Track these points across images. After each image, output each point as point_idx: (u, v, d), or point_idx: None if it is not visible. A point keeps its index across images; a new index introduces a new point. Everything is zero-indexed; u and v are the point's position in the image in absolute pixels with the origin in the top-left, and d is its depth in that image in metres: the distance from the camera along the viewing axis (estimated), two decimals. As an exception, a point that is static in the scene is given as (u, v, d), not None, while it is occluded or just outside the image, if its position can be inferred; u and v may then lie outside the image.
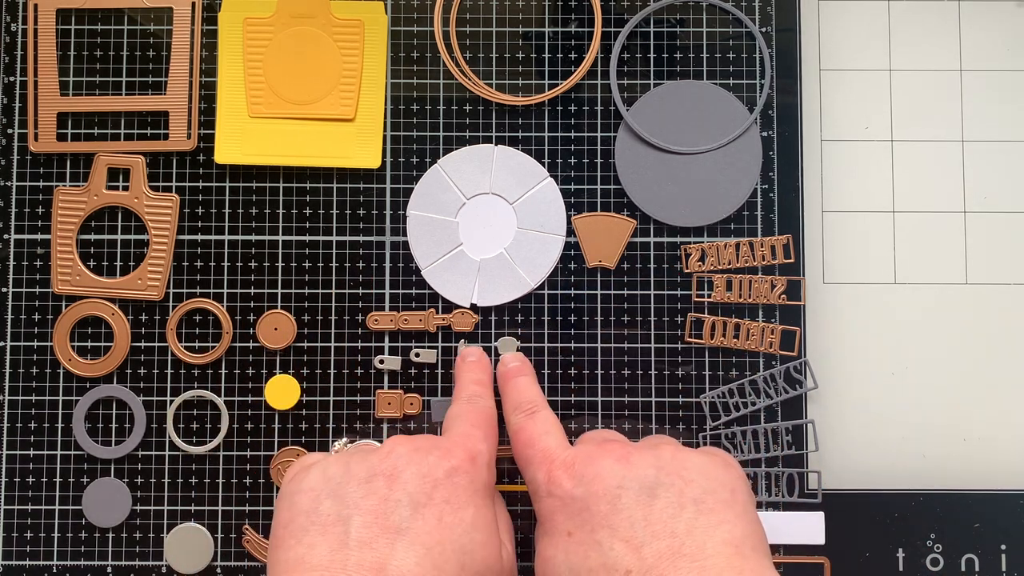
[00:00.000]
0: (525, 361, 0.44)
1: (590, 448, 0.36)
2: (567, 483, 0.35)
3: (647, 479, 0.34)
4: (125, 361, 0.45)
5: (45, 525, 0.45)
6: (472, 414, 0.39)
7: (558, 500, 0.35)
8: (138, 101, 0.46)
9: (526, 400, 0.40)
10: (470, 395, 0.41)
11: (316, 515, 0.34)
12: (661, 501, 0.34)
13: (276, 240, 0.46)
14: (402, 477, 0.34)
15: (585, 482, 0.35)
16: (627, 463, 0.35)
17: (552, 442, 0.37)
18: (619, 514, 0.34)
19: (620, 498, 0.34)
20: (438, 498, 0.34)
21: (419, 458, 0.35)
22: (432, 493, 0.34)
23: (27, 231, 0.46)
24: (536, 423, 0.39)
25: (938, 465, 0.46)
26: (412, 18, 0.47)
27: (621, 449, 0.36)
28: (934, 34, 0.47)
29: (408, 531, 0.33)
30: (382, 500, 0.34)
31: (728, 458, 0.38)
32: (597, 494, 0.34)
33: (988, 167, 0.47)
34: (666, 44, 0.46)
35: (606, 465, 0.35)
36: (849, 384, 0.46)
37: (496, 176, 0.46)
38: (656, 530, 0.33)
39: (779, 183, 0.46)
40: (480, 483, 0.36)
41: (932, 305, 0.46)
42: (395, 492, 0.34)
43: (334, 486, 0.34)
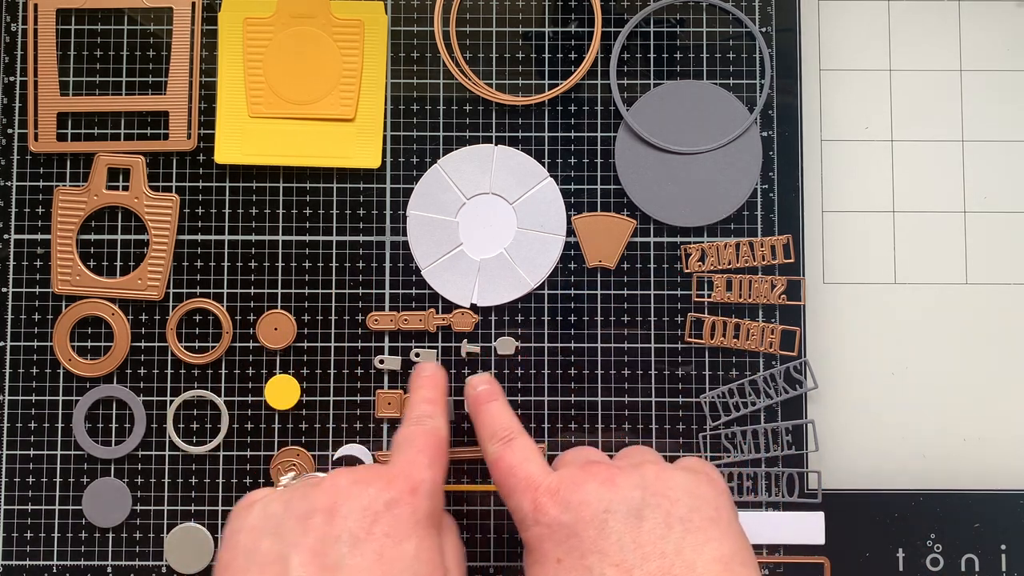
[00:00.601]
0: (494, 382, 0.42)
1: (573, 472, 0.36)
2: (553, 510, 0.35)
3: (633, 501, 0.34)
4: (125, 361, 0.45)
5: (45, 525, 0.45)
6: (419, 438, 0.38)
7: (545, 528, 0.35)
8: (138, 101, 0.46)
9: (501, 427, 0.39)
10: (419, 415, 0.39)
11: (256, 555, 0.33)
12: (648, 523, 0.34)
13: (276, 240, 0.46)
14: (340, 512, 0.33)
15: (572, 508, 0.34)
16: (612, 486, 0.35)
17: (534, 469, 0.37)
18: (608, 538, 0.33)
19: (607, 522, 0.34)
20: (378, 532, 0.33)
21: (359, 491, 0.34)
22: (371, 528, 0.33)
23: (27, 231, 0.46)
24: (515, 451, 0.38)
25: (938, 465, 0.46)
26: (412, 18, 0.47)
27: (605, 472, 0.36)
28: (934, 34, 0.47)
29: (346, 567, 0.32)
30: (321, 537, 0.33)
31: (711, 472, 0.38)
32: (584, 519, 0.34)
33: (988, 167, 0.47)
34: (666, 44, 0.46)
35: (591, 489, 0.35)
36: (849, 384, 0.46)
37: (496, 176, 0.46)
38: (646, 552, 0.33)
39: (779, 183, 0.46)
40: (422, 513, 0.35)
41: (932, 305, 0.46)
42: (334, 528, 0.33)
43: (274, 524, 0.34)
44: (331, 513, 0.33)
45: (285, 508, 0.34)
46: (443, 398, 0.41)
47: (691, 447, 0.45)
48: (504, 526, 0.45)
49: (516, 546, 0.45)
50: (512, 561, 0.45)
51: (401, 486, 0.35)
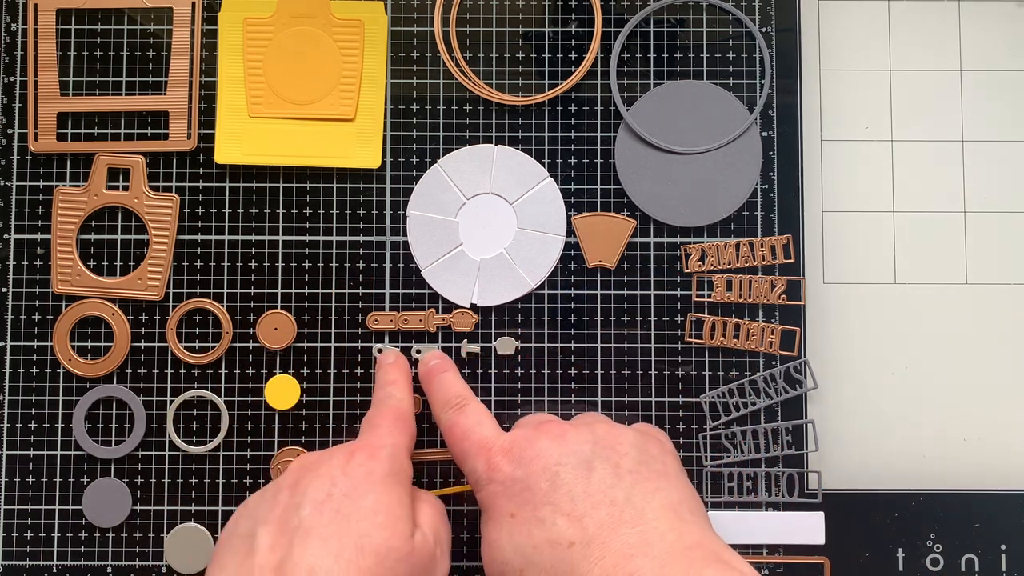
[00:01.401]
0: (445, 357, 0.44)
1: (527, 431, 0.37)
2: (507, 467, 0.36)
3: (584, 454, 0.36)
4: (125, 361, 0.45)
5: (45, 525, 0.45)
6: (380, 414, 0.39)
7: (499, 485, 0.36)
8: (138, 101, 0.46)
9: (453, 395, 0.40)
10: (382, 397, 0.41)
11: (234, 537, 0.35)
12: (598, 473, 0.35)
13: (276, 240, 0.46)
14: (302, 483, 0.35)
15: (524, 463, 0.36)
16: (563, 440, 0.36)
17: (487, 431, 0.38)
18: (559, 490, 0.34)
19: (559, 475, 0.35)
20: (337, 493, 0.35)
21: (321, 462, 0.36)
22: (331, 490, 0.35)
23: (27, 231, 0.46)
24: (467, 416, 0.39)
25: (938, 465, 0.46)
26: (412, 18, 0.47)
27: (557, 428, 0.37)
28: (934, 34, 0.47)
29: (305, 528, 0.34)
30: (284, 508, 0.35)
31: (659, 434, 0.40)
32: (536, 473, 0.35)
33: (988, 167, 0.47)
34: (666, 44, 0.46)
35: (543, 445, 0.36)
36: (849, 384, 0.46)
37: (496, 176, 0.46)
38: (596, 500, 0.34)
39: (779, 183, 0.46)
40: (381, 472, 0.36)
41: (932, 305, 0.46)
42: (295, 498, 0.35)
43: (250, 510, 0.36)
44: (294, 487, 0.35)
45: (260, 495, 0.37)
46: (406, 379, 0.42)
47: (691, 447, 0.45)
48: (504, 526, 0.45)
49: (516, 546, 0.45)
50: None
51: (360, 454, 0.36)
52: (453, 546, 0.45)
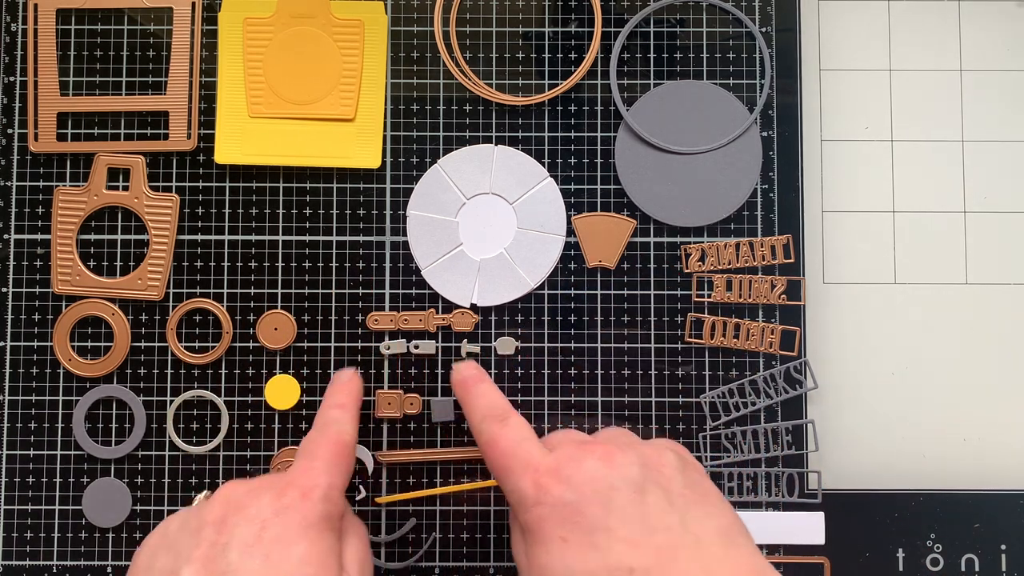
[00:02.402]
0: (480, 368, 0.42)
1: (571, 451, 0.36)
2: (556, 489, 0.34)
3: (635, 477, 0.34)
4: (125, 361, 0.45)
5: (45, 525, 0.45)
6: (320, 445, 0.38)
7: (548, 508, 0.34)
8: (138, 101, 0.46)
9: (494, 407, 0.39)
10: (325, 421, 0.39)
11: (152, 571, 0.34)
12: (651, 497, 0.34)
13: (276, 240, 0.46)
14: (230, 522, 0.34)
15: (575, 486, 0.34)
16: (612, 463, 0.35)
17: (531, 448, 0.37)
18: (613, 514, 0.33)
19: (613, 499, 0.34)
20: (267, 537, 0.33)
21: (250, 501, 0.34)
22: (260, 533, 0.33)
23: (27, 231, 0.46)
24: (511, 431, 0.37)
25: (938, 465, 0.46)
26: (412, 18, 0.47)
27: (603, 449, 0.36)
28: (934, 34, 0.47)
29: (234, 573, 0.32)
30: (210, 546, 0.33)
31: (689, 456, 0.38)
32: (588, 496, 0.34)
33: (988, 167, 0.47)
34: (666, 44, 0.46)
35: (593, 466, 0.35)
36: (849, 384, 0.46)
37: (496, 176, 0.46)
38: (652, 526, 0.33)
39: (779, 183, 0.46)
40: (314, 517, 0.34)
41: (932, 305, 0.46)
42: (222, 537, 0.33)
43: (170, 541, 0.34)
44: (221, 523, 0.34)
45: (181, 525, 0.35)
46: (355, 404, 0.41)
47: (691, 447, 0.45)
48: (504, 527, 0.45)
49: (516, 546, 0.45)
50: (511, 561, 0.45)
51: (292, 493, 0.35)
52: (453, 546, 0.45)
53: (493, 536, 0.45)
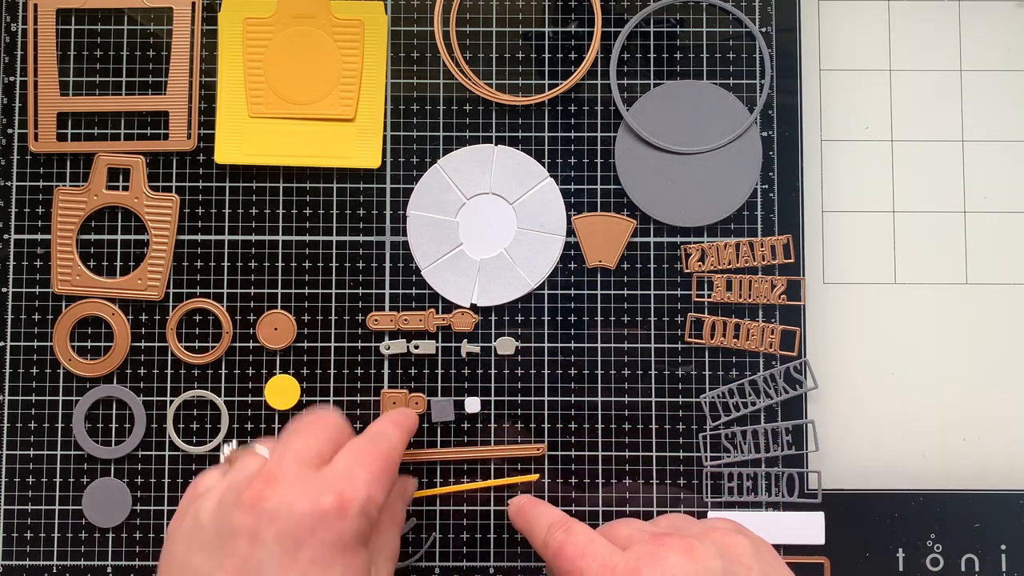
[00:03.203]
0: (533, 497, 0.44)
1: (647, 548, 0.35)
2: None
3: (716, 571, 0.34)
4: (125, 361, 0.45)
5: (45, 525, 0.45)
6: (366, 453, 0.36)
7: None
8: (138, 101, 0.46)
9: (557, 518, 0.39)
10: (377, 432, 0.38)
11: (188, 568, 0.33)
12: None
13: (276, 240, 0.46)
14: (263, 538, 0.32)
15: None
16: (693, 557, 0.34)
17: (603, 549, 0.36)
18: None
19: None
20: (303, 559, 0.32)
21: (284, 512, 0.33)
22: (295, 555, 0.32)
23: (27, 231, 0.46)
24: (578, 535, 0.37)
25: (938, 465, 0.46)
26: (412, 18, 0.47)
27: (682, 544, 0.35)
28: (934, 34, 0.47)
29: None
30: (243, 560, 0.32)
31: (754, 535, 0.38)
32: None
33: (988, 167, 0.47)
34: (666, 44, 0.46)
35: (675, 563, 0.34)
36: (849, 384, 0.46)
37: (496, 176, 0.46)
38: None
39: (779, 183, 0.46)
40: (350, 536, 0.33)
41: (932, 305, 0.46)
42: (256, 553, 0.32)
43: (204, 539, 0.33)
44: (254, 538, 0.32)
45: (213, 522, 0.33)
46: (408, 430, 0.40)
47: (691, 447, 0.45)
48: (504, 526, 0.45)
49: (516, 546, 0.45)
50: (512, 561, 0.45)
51: (330, 503, 0.33)
52: (453, 546, 0.45)
53: (493, 536, 0.45)
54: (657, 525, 0.38)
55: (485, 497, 0.45)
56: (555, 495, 0.45)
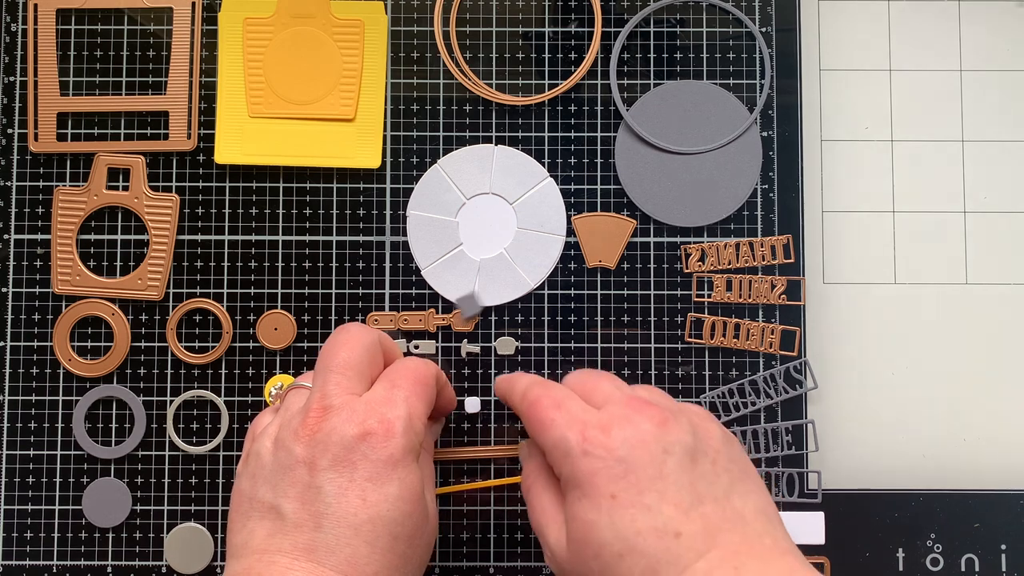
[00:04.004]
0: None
1: (622, 410, 0.35)
2: (607, 444, 0.34)
3: (687, 445, 0.34)
4: (125, 361, 0.45)
5: (45, 525, 0.45)
6: (401, 376, 0.38)
7: (599, 461, 0.34)
8: (138, 101, 0.46)
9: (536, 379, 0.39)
10: (408, 357, 0.40)
11: (255, 501, 0.35)
12: (701, 467, 0.34)
13: (276, 240, 0.46)
14: (319, 465, 0.35)
15: (628, 445, 0.34)
16: (666, 428, 0.35)
17: (577, 405, 0.36)
18: (666, 478, 0.33)
19: (666, 463, 0.34)
20: (359, 478, 0.34)
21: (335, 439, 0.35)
22: (353, 475, 0.34)
23: (27, 231, 0.46)
24: (555, 390, 0.37)
25: (938, 465, 0.46)
26: (412, 18, 0.47)
27: (658, 413, 0.35)
28: (934, 34, 0.47)
29: (335, 515, 0.34)
30: (305, 488, 0.35)
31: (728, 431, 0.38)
32: (642, 458, 0.34)
33: (988, 167, 0.47)
34: (666, 44, 0.46)
35: (647, 429, 0.34)
36: (849, 384, 0.46)
37: (496, 176, 0.46)
38: (701, 495, 0.33)
39: (779, 183, 0.46)
40: (400, 452, 0.35)
41: (932, 305, 0.46)
42: (316, 479, 0.34)
43: (267, 473, 0.36)
44: (311, 465, 0.35)
45: (273, 458, 0.36)
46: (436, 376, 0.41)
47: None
48: (504, 526, 0.45)
49: (516, 546, 0.45)
50: (512, 561, 0.45)
51: (375, 425, 0.35)
52: (453, 546, 0.45)
53: (493, 536, 0.45)
54: (636, 391, 0.38)
55: (485, 497, 0.45)
56: (555, 495, 0.45)
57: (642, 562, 0.32)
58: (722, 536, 0.33)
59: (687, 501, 0.33)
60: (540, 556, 0.45)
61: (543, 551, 0.36)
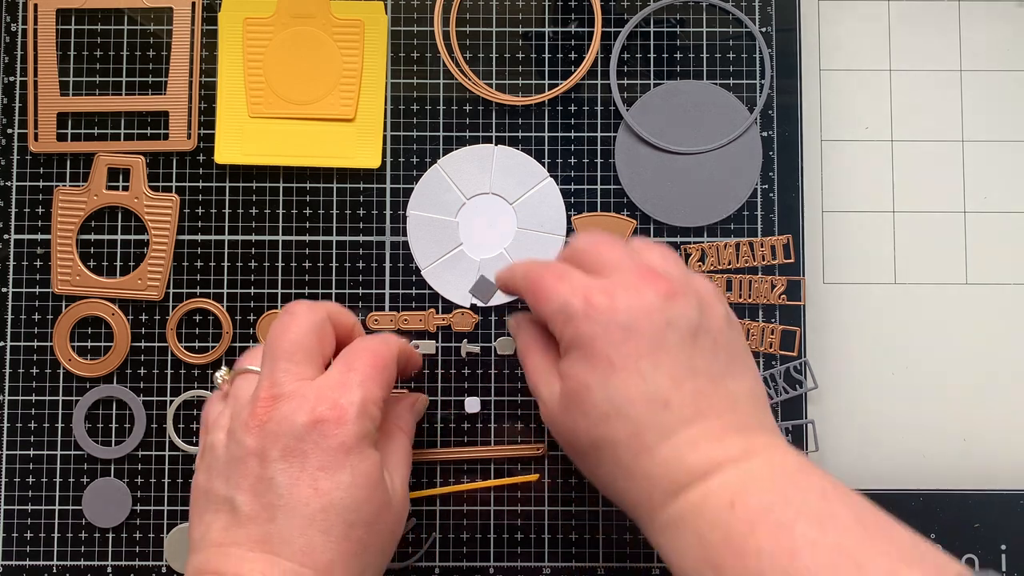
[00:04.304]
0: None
1: (628, 278, 0.35)
2: (611, 309, 0.34)
3: (691, 320, 0.34)
4: (125, 361, 0.45)
5: (45, 525, 0.45)
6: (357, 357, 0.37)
7: (599, 326, 0.34)
8: (138, 101, 0.46)
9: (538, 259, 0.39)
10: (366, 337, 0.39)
11: (211, 494, 0.35)
12: (701, 343, 0.34)
13: (276, 240, 0.46)
14: (270, 455, 0.34)
15: (632, 313, 0.34)
16: (672, 301, 0.34)
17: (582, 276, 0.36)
18: (665, 350, 0.33)
19: (667, 336, 0.34)
20: (310, 467, 0.34)
21: (285, 428, 0.34)
22: (304, 464, 0.34)
23: (27, 231, 0.46)
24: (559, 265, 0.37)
25: (938, 465, 0.46)
26: (412, 18, 0.47)
27: (665, 285, 0.34)
28: (934, 34, 0.47)
29: (285, 506, 0.34)
30: (257, 480, 0.34)
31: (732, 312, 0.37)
32: (643, 327, 0.34)
33: (988, 167, 0.47)
34: (666, 44, 0.46)
35: (652, 299, 0.34)
36: (849, 384, 0.46)
37: (496, 176, 0.46)
38: (696, 369, 0.34)
39: (779, 183, 0.46)
40: (353, 439, 0.34)
41: (932, 305, 0.46)
42: (267, 471, 0.34)
43: (220, 465, 0.35)
44: (262, 457, 0.34)
45: (225, 450, 0.36)
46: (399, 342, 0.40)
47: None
48: (504, 526, 0.45)
49: (516, 546, 0.45)
50: (512, 561, 0.45)
51: (326, 412, 0.34)
52: (453, 546, 0.45)
53: (493, 536, 0.45)
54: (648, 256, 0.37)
55: (485, 497, 0.45)
56: (555, 495, 0.45)
57: (628, 426, 0.33)
58: (710, 411, 0.33)
59: (681, 374, 0.33)
60: (540, 556, 0.45)
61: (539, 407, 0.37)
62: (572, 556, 0.45)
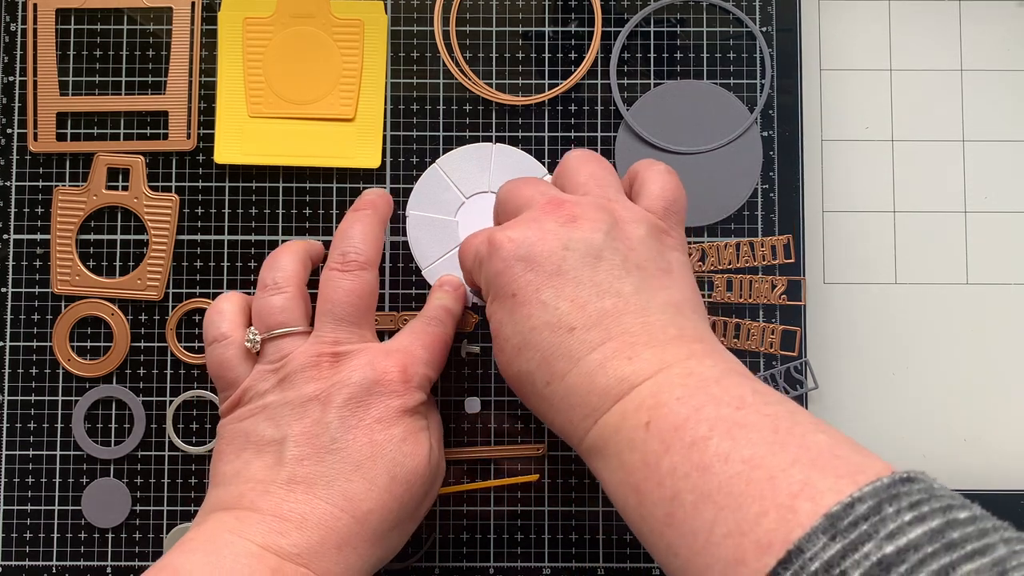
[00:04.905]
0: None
1: (533, 214, 0.35)
2: (509, 245, 0.34)
3: (594, 242, 0.34)
4: (125, 361, 0.45)
5: (45, 525, 0.45)
6: (424, 335, 0.40)
7: (501, 262, 0.34)
8: (138, 101, 0.46)
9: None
10: (431, 317, 0.41)
11: (254, 435, 0.36)
12: (606, 264, 0.34)
13: (276, 240, 0.46)
14: (334, 401, 0.36)
15: (528, 243, 0.34)
16: (573, 226, 0.34)
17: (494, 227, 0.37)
18: (564, 275, 0.34)
19: (566, 259, 0.34)
20: (369, 418, 0.36)
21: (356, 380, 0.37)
22: (363, 415, 0.36)
23: (27, 231, 0.46)
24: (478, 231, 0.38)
25: (938, 465, 0.46)
26: (412, 18, 0.46)
27: (567, 212, 0.35)
28: (934, 34, 0.47)
29: (339, 450, 0.35)
30: (314, 423, 0.36)
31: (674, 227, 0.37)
32: (541, 256, 0.34)
33: (988, 167, 0.47)
34: (666, 44, 0.46)
35: (550, 228, 0.34)
36: (849, 384, 0.46)
37: (495, 175, 0.46)
38: (602, 290, 0.33)
39: (779, 183, 0.46)
40: (412, 404, 0.37)
41: (932, 305, 0.46)
42: (327, 415, 0.36)
43: (271, 411, 0.37)
44: (325, 402, 0.36)
45: (281, 398, 0.37)
46: (459, 311, 0.43)
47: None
48: (504, 526, 0.45)
49: (516, 546, 0.45)
50: (512, 561, 0.45)
51: (395, 373, 0.37)
52: (453, 546, 0.45)
53: (493, 536, 0.45)
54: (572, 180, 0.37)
55: (485, 497, 0.45)
56: (555, 495, 0.45)
57: (537, 355, 0.33)
58: (619, 329, 0.33)
59: (584, 296, 0.33)
60: (540, 556, 0.45)
61: None
62: (572, 556, 0.45)
